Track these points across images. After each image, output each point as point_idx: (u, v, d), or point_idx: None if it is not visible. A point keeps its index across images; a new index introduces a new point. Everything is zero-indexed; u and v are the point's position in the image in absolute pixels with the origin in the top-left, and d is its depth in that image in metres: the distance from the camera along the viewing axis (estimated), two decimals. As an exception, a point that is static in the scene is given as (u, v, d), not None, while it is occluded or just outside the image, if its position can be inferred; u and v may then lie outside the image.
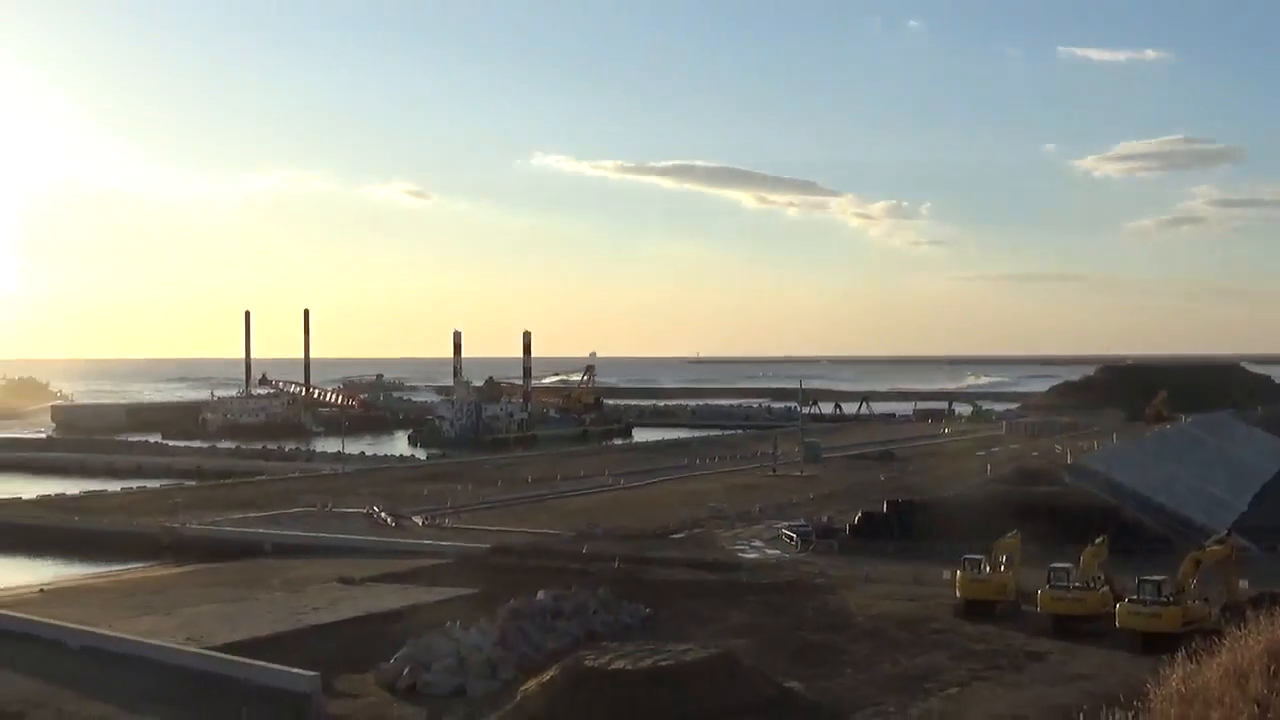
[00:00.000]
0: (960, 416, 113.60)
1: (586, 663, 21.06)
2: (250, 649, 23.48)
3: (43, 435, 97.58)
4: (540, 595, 26.77)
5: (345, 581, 31.77)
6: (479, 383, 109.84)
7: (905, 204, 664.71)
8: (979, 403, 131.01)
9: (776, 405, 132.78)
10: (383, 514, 41.91)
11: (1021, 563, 30.23)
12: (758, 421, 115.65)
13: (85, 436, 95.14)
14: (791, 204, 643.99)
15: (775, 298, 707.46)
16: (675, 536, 39.20)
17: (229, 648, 23.57)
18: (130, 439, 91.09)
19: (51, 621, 25.81)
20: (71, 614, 26.51)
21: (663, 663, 21.06)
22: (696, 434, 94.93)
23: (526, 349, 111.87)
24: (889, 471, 58.44)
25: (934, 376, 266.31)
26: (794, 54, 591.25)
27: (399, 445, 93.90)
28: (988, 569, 29.77)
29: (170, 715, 20.01)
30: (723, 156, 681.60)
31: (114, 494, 51.16)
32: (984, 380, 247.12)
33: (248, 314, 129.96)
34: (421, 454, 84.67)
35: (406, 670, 22.18)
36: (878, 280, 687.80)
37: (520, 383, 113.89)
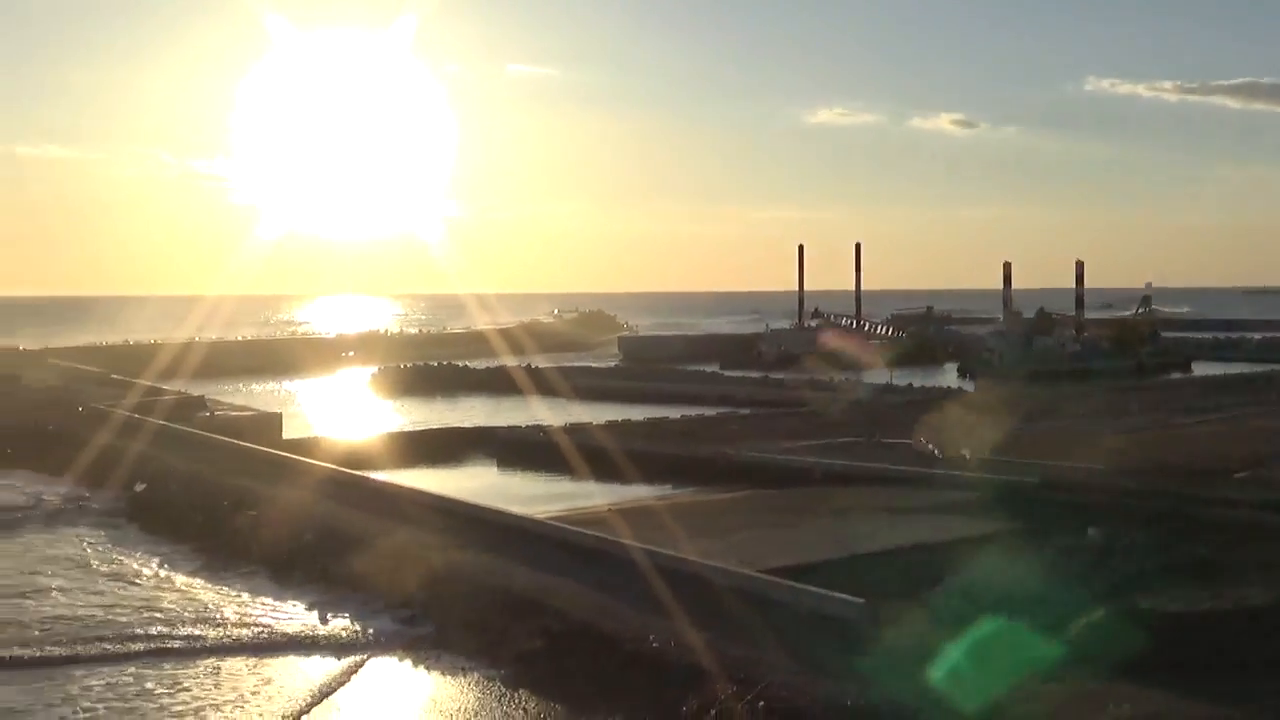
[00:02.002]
0: None
1: (1139, 603, 20.44)
2: (799, 574, 24.12)
3: (610, 365, 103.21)
4: (1090, 532, 26.07)
5: (892, 511, 32.04)
6: (1029, 314, 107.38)
7: None
8: None
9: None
10: (929, 445, 41.87)
11: None
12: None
13: (647, 366, 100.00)
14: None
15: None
16: (1236, 475, 37.00)
17: (779, 571, 24.29)
18: (688, 368, 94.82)
19: (621, 540, 27.25)
20: (636, 534, 27.91)
21: (1222, 606, 20.13)
22: (1260, 368, 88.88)
23: (1079, 279, 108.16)
24: None
25: None
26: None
27: (948, 377, 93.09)
28: None
29: (738, 634, 20.91)
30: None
31: (674, 420, 53.43)
32: None
33: (801, 247, 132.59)
34: (969, 386, 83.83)
35: (952, 601, 22.19)
36: None
37: (1072, 314, 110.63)
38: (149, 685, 22.17)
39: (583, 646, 21.82)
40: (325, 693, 21.57)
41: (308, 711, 20.65)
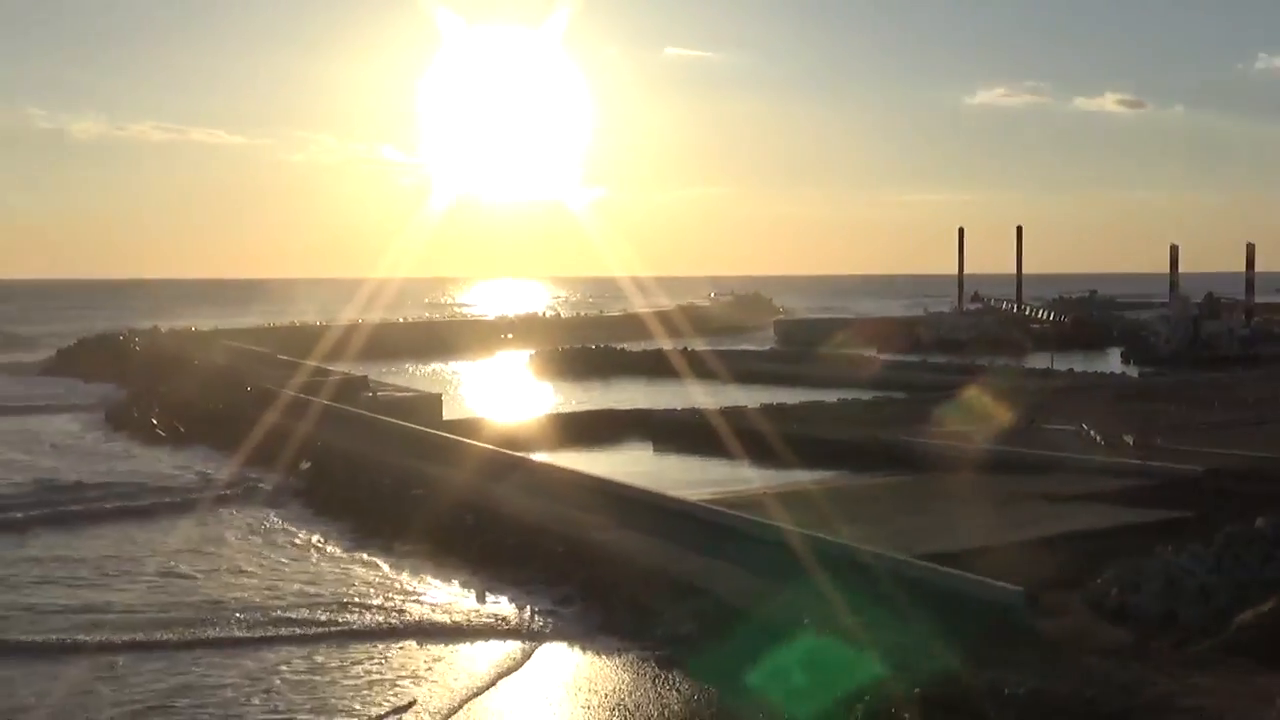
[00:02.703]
0: None
1: (1309, 595, 19.90)
2: (956, 560, 23.88)
3: (765, 348, 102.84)
4: (1259, 522, 25.39)
5: (1051, 498, 31.54)
6: (1197, 299, 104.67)
7: None
8: None
9: None
10: (1091, 432, 41.11)
11: None
12: None
13: (803, 349, 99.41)
14: None
15: None
16: None
17: (935, 558, 24.04)
18: (845, 352, 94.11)
19: (776, 523, 27.17)
20: (791, 517, 27.78)
21: (1398, 601, 19.49)
22: None
23: (1249, 263, 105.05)
24: None
25: None
26: None
27: (1111, 362, 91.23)
28: None
29: (880, 617, 20.83)
30: None
31: (830, 404, 53.09)
32: None
33: (961, 230, 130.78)
34: (1134, 371, 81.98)
35: (1114, 591, 21.77)
36: None
37: (1242, 298, 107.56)
38: (319, 659, 22.80)
39: (736, 629, 21.90)
40: (493, 675, 21.91)
41: (478, 695, 20.99)
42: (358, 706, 20.44)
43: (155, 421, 54.96)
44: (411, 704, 20.50)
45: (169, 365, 76.40)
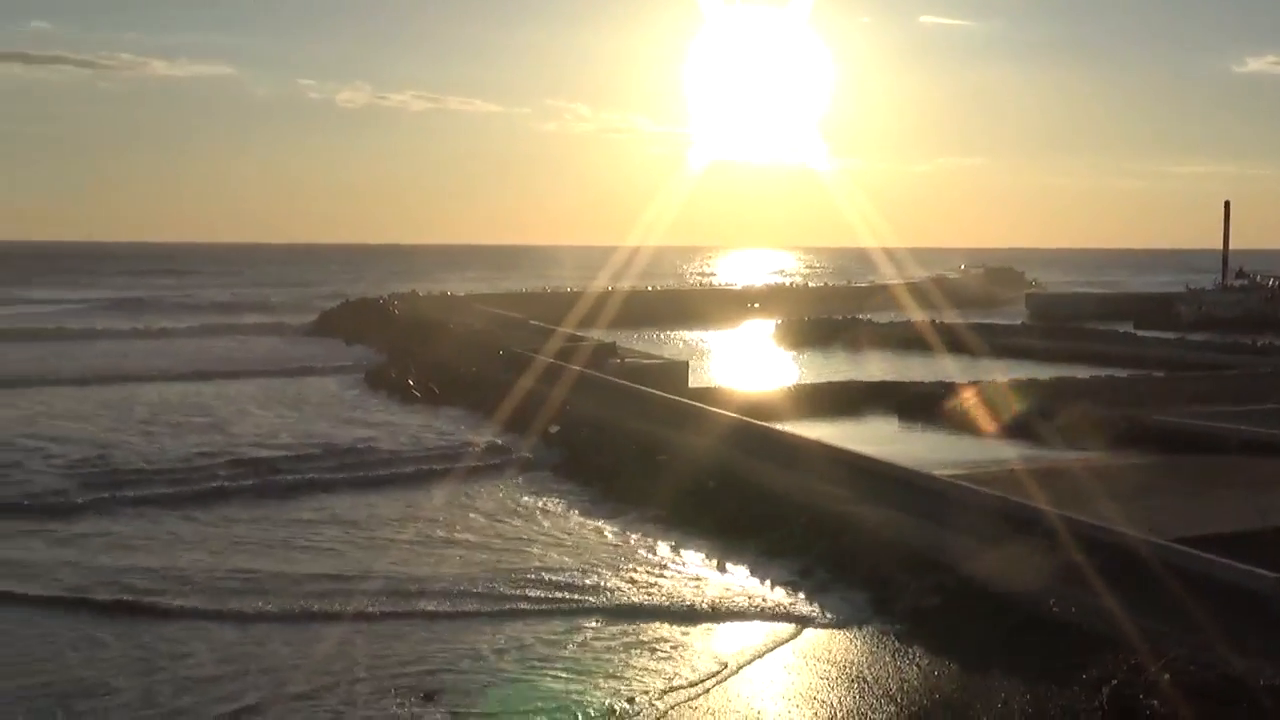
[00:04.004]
0: None
1: None
2: (1211, 545, 23.12)
3: (1016, 322, 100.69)
4: None
5: (1317, 485, 30.24)
6: None
7: None
8: None
9: None
10: (1363, 416, 39.17)
11: None
12: None
13: (1056, 324, 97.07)
14: None
15: None
16: None
17: (1189, 541, 23.32)
18: (1100, 328, 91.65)
19: (1022, 500, 26.69)
20: (1038, 495, 27.25)
21: None
22: None
23: None
24: None
25: None
26: None
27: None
28: None
29: (1142, 603, 20.38)
30: None
31: (1082, 380, 51.79)
32: None
33: (1227, 204, 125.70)
34: None
35: (1380, 584, 20.87)
36: None
37: None
38: (579, 621, 23.52)
39: (978, 606, 21.72)
40: (740, 648, 22.11)
41: (746, 665, 21.23)
42: (617, 671, 20.87)
43: (411, 383, 56.58)
44: (723, 669, 20.87)
45: (426, 328, 78.51)
